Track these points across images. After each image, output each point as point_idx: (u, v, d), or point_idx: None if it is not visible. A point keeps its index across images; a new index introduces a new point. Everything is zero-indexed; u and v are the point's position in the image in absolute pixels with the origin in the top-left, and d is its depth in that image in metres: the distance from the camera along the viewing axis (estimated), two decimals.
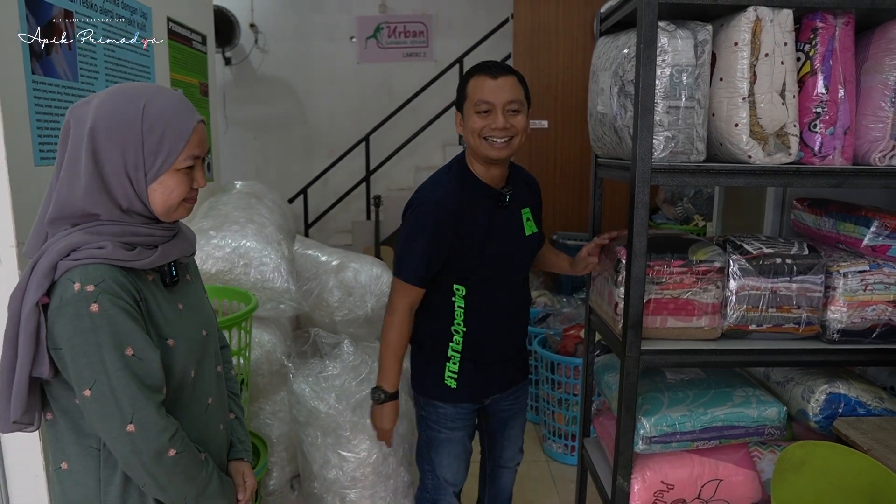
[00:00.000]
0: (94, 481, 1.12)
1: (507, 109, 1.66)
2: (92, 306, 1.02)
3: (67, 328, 1.02)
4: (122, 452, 1.06)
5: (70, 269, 1.03)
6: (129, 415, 1.04)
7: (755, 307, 1.69)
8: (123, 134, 1.06)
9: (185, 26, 2.40)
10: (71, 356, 1.03)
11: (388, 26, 6.40)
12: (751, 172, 1.60)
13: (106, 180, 1.07)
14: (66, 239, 1.06)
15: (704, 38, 1.56)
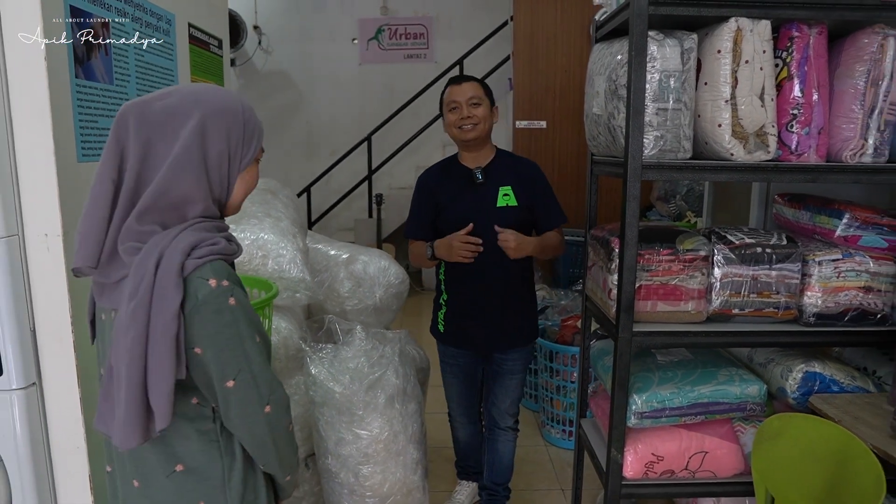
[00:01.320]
0: (219, 471, 1.14)
1: (470, 103, 2.18)
2: (230, 300, 1.05)
3: (209, 325, 1.03)
4: (257, 434, 1.11)
5: (198, 268, 1.03)
6: (266, 397, 1.10)
7: (738, 293, 1.84)
8: (230, 121, 1.10)
9: (204, 31, 2.54)
10: (215, 352, 1.04)
11: (389, 28, 6.55)
12: (733, 168, 1.75)
13: (208, 163, 1.08)
14: (181, 239, 1.04)
15: (690, 46, 1.70)
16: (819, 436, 1.59)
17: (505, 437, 2.44)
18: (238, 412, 1.09)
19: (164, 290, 1.01)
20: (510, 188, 2.22)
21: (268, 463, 1.17)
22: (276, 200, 2.54)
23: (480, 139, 2.22)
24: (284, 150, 6.73)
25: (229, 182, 1.14)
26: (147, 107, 1.08)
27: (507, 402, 2.38)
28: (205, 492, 1.14)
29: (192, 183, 1.08)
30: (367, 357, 2.15)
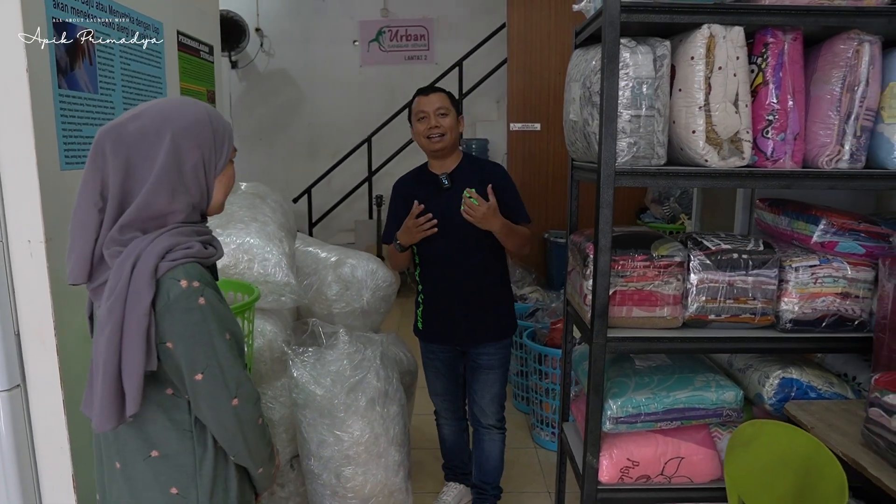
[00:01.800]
0: (191, 459, 1.22)
1: (437, 113, 2.26)
2: (200, 300, 1.14)
3: (179, 322, 1.12)
4: (226, 425, 1.19)
5: (171, 269, 1.12)
6: (233, 391, 1.18)
7: (714, 299, 1.84)
8: (200, 133, 1.19)
9: (193, 38, 2.57)
10: (185, 347, 1.13)
11: (389, 30, 6.58)
12: (707, 175, 1.76)
13: (185, 179, 1.18)
14: (157, 243, 1.13)
15: (663, 52, 1.71)
16: (790, 443, 1.60)
17: (490, 437, 2.47)
18: (207, 404, 1.17)
19: (138, 289, 1.10)
20: (474, 190, 2.23)
21: (238, 454, 1.24)
22: (264, 205, 2.58)
23: (448, 148, 2.30)
24: (286, 151, 6.79)
25: (208, 188, 1.24)
26: (122, 129, 1.16)
27: (486, 398, 2.41)
28: (177, 478, 1.22)
29: (172, 197, 1.18)
30: (349, 360, 2.17)
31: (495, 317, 2.38)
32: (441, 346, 2.45)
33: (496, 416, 2.45)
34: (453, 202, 2.25)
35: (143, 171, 1.16)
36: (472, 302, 2.33)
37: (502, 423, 2.48)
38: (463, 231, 2.24)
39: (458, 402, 2.56)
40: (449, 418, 2.57)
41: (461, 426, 2.60)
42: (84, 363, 1.80)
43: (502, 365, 2.42)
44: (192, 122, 1.19)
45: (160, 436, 1.22)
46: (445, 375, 2.49)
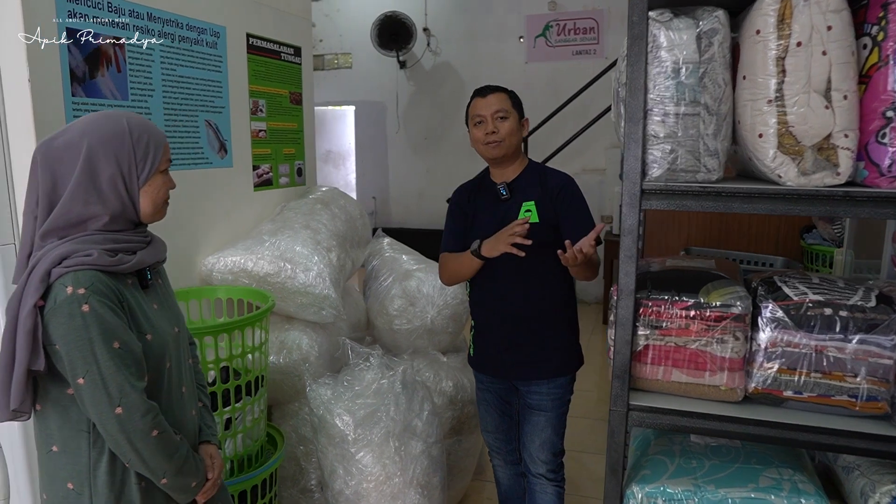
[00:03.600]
0: (86, 459, 1.25)
1: (496, 117, 1.98)
2: (83, 307, 1.16)
3: (62, 326, 1.16)
4: (111, 432, 1.20)
5: (62, 275, 1.17)
6: (116, 399, 1.18)
7: (792, 369, 1.32)
8: (116, 146, 1.23)
9: (271, 40, 2.55)
10: (66, 350, 1.17)
11: (557, 24, 6.20)
12: (778, 196, 1.25)
13: (100, 189, 1.22)
14: (56, 249, 1.20)
15: (712, 27, 1.25)
16: None
17: (541, 488, 2.09)
18: (91, 410, 1.19)
19: (28, 291, 1.17)
20: (534, 204, 1.97)
21: (130, 461, 1.24)
22: (325, 211, 2.48)
23: (508, 156, 2.01)
24: (450, 150, 6.75)
25: (131, 199, 1.26)
26: (51, 144, 1.23)
27: (535, 443, 2.05)
28: (72, 474, 1.26)
29: (86, 205, 1.22)
30: (368, 387, 1.97)
31: (551, 350, 2.00)
32: (492, 377, 2.11)
33: (546, 466, 2.06)
34: (510, 215, 1.97)
35: (64, 182, 1.22)
36: (524, 330, 1.99)
37: (555, 474, 2.08)
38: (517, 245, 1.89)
39: (512, 443, 2.19)
40: (501, 460, 2.22)
41: (516, 471, 2.25)
42: None
43: (556, 407, 2.02)
44: (109, 135, 1.23)
45: (60, 432, 1.26)
46: (497, 410, 2.13)
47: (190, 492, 1.34)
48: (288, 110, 2.71)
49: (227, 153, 2.34)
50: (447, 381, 2.47)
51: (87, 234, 1.23)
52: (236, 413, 1.87)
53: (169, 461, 1.26)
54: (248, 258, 2.20)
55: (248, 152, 2.47)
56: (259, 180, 2.54)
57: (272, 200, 2.61)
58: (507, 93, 2.04)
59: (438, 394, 2.43)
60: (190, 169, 2.16)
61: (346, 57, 7.03)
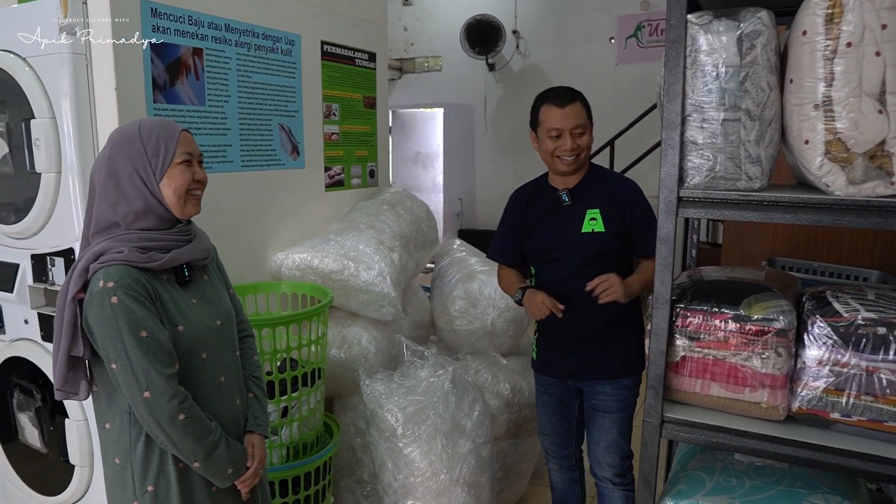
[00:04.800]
0: (128, 437, 1.37)
1: (574, 133, 1.93)
2: (112, 298, 1.27)
3: (95, 316, 1.28)
4: (141, 414, 1.31)
5: (97, 270, 1.30)
6: (143, 384, 1.28)
7: (840, 390, 1.24)
8: (128, 148, 1.36)
9: (345, 47, 2.66)
10: (100, 338, 1.29)
11: (649, 24, 6.02)
12: (824, 207, 1.18)
13: (123, 188, 1.34)
14: (96, 246, 1.33)
15: (754, 28, 1.20)
16: None
17: (608, 492, 2.07)
18: (125, 393, 1.31)
19: (70, 284, 1.31)
20: (598, 212, 1.95)
21: (162, 443, 1.34)
22: (391, 212, 2.55)
23: (580, 167, 1.99)
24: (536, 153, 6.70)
25: (153, 193, 1.36)
26: (95, 163, 1.40)
27: (600, 445, 2.04)
28: (119, 450, 1.38)
29: (113, 209, 1.35)
30: (419, 384, 2.02)
31: (615, 351, 1.99)
32: (553, 379, 2.11)
33: (613, 469, 2.03)
34: (572, 221, 1.97)
35: (95, 189, 1.38)
36: (589, 332, 1.99)
37: (622, 478, 2.05)
38: (583, 254, 1.94)
39: (568, 448, 2.18)
40: (556, 464, 2.21)
41: (571, 476, 2.23)
42: None
43: (622, 409, 2.00)
44: (121, 139, 1.36)
45: (108, 412, 1.39)
46: (555, 413, 2.14)
47: (227, 478, 1.41)
48: (361, 114, 2.81)
49: (299, 155, 2.47)
50: (505, 384, 2.48)
51: (123, 233, 1.34)
52: (292, 402, 1.97)
53: (199, 445, 1.33)
54: (314, 255, 2.31)
55: (321, 154, 2.59)
56: (331, 181, 2.65)
57: (343, 201, 2.71)
58: (582, 102, 1.98)
59: (495, 396, 2.45)
60: (263, 170, 2.30)
61: (436, 60, 7.15)
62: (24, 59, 1.85)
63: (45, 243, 1.94)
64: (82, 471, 2.00)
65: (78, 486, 2.02)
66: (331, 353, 2.28)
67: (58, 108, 1.82)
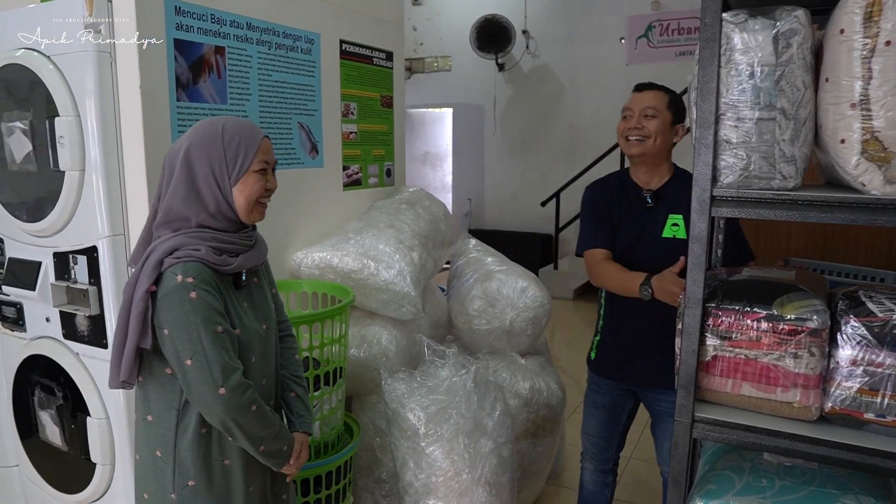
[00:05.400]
0: (172, 433, 1.40)
1: (644, 114, 1.91)
2: (191, 294, 1.29)
3: (172, 311, 1.29)
4: (216, 412, 1.31)
5: (173, 265, 1.31)
6: (220, 380, 1.30)
7: (875, 390, 1.23)
8: (209, 148, 1.36)
9: (364, 46, 2.66)
10: (175, 334, 1.30)
11: (660, 24, 6.01)
12: (860, 206, 1.18)
13: (197, 186, 1.36)
14: (169, 241, 1.34)
15: (791, 27, 1.19)
16: None
17: None
18: (195, 390, 1.31)
19: (142, 277, 1.31)
20: (682, 218, 1.93)
21: (234, 436, 1.36)
22: (409, 211, 2.55)
23: (648, 156, 1.94)
24: (546, 153, 6.71)
25: (225, 197, 1.38)
26: (170, 149, 1.42)
27: (665, 447, 2.08)
28: (161, 443, 1.40)
29: (185, 202, 1.36)
30: (441, 384, 2.02)
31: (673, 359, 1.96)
32: (611, 382, 2.12)
33: None
34: (653, 223, 1.97)
35: (169, 181, 1.38)
36: (659, 339, 1.93)
37: None
38: (661, 257, 1.89)
39: (609, 451, 2.21)
40: (593, 465, 2.24)
41: (604, 480, 2.25)
42: None
43: None
44: (202, 137, 1.37)
45: (155, 405, 1.41)
46: (605, 415, 2.16)
47: (282, 456, 1.46)
48: (378, 113, 2.81)
49: (318, 154, 2.47)
50: (523, 383, 2.47)
51: (197, 230, 1.35)
52: (314, 401, 1.97)
53: (267, 430, 1.39)
54: (333, 254, 2.31)
55: (339, 153, 2.59)
56: (349, 180, 2.65)
57: (361, 200, 2.72)
58: (667, 93, 1.95)
59: (514, 395, 2.44)
60: (283, 168, 2.30)
61: (445, 60, 7.16)
62: (49, 58, 1.85)
63: (67, 241, 1.95)
64: (104, 469, 2.00)
65: (99, 484, 2.02)
66: (350, 353, 2.28)
67: (82, 106, 1.82)
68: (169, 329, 1.30)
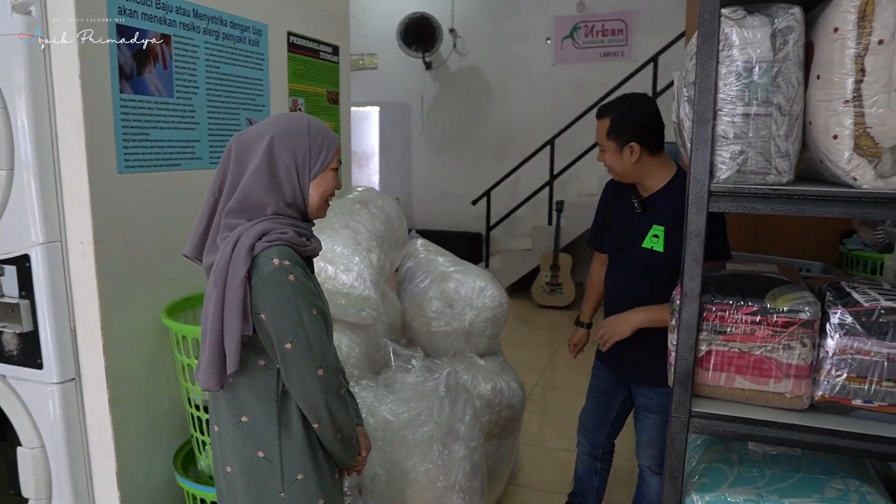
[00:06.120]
0: (276, 427, 1.35)
1: (600, 149, 1.98)
2: (290, 276, 1.28)
3: (271, 295, 1.26)
4: (311, 394, 1.30)
5: (266, 249, 1.28)
6: (319, 361, 1.29)
7: (862, 377, 1.27)
8: (294, 140, 1.35)
9: (310, 39, 2.54)
10: (275, 318, 1.27)
11: (585, 25, 6.16)
12: (853, 200, 1.21)
13: (278, 177, 1.34)
14: (255, 227, 1.30)
15: (787, 24, 1.21)
16: None
17: (647, 477, 2.19)
18: (296, 372, 1.29)
19: (236, 263, 1.26)
20: (663, 230, 1.93)
21: (321, 421, 1.33)
22: (363, 211, 2.46)
23: (630, 179, 1.98)
24: (474, 152, 6.73)
25: (301, 189, 1.37)
26: (242, 137, 1.38)
27: (642, 439, 2.15)
28: (263, 443, 1.35)
29: (266, 191, 1.33)
30: (411, 390, 1.95)
31: (658, 360, 1.90)
32: (607, 368, 2.21)
33: (650, 461, 2.14)
34: (638, 230, 1.98)
35: (247, 168, 1.34)
36: (636, 338, 1.97)
37: (660, 468, 2.12)
38: (640, 265, 1.98)
39: (598, 437, 2.28)
40: (583, 449, 2.34)
41: (592, 466, 2.32)
42: (133, 361, 1.82)
43: (661, 412, 2.06)
44: (289, 130, 1.36)
45: (249, 402, 1.35)
46: (598, 399, 2.26)
47: (353, 447, 1.45)
48: (325, 109, 2.70)
49: None
50: (485, 385, 2.44)
51: (274, 216, 1.33)
52: None
53: (348, 416, 1.39)
54: None
55: None
56: None
57: None
58: (611, 117, 1.92)
59: (477, 397, 2.40)
60: None
61: (371, 58, 7.04)
62: None
63: None
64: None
65: None
66: None
67: (10, 97, 1.62)
68: (267, 314, 1.27)
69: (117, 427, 1.76)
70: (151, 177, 1.85)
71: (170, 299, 1.92)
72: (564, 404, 3.59)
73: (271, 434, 1.34)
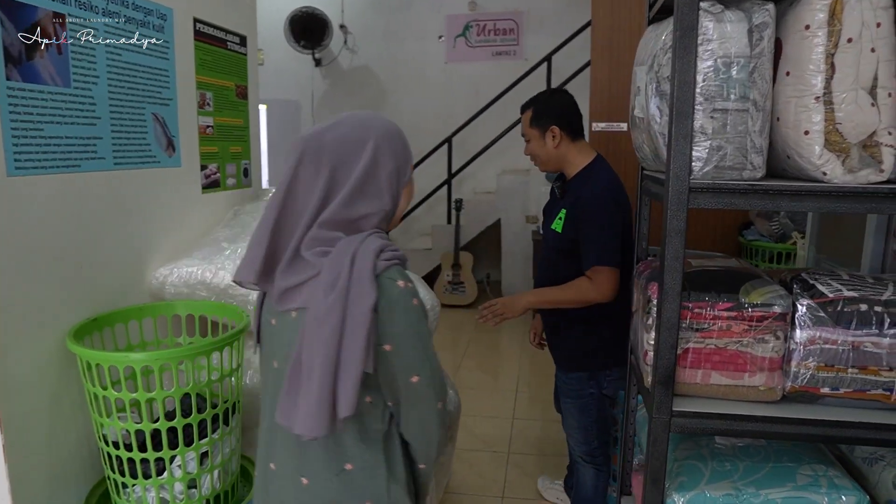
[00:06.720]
0: (384, 472, 1.17)
1: (525, 140, 2.11)
2: (414, 300, 1.12)
3: (399, 323, 1.09)
4: (432, 430, 1.17)
5: (387, 269, 1.10)
6: (440, 393, 1.17)
7: (829, 365, 1.32)
8: (395, 145, 1.20)
9: (217, 27, 2.31)
10: (403, 348, 1.10)
11: (477, 24, 6.20)
12: (824, 194, 1.24)
13: (380, 185, 1.17)
14: (369, 243, 1.10)
15: (763, 20, 1.22)
16: None
17: (577, 467, 2.23)
18: (420, 408, 1.15)
19: (361, 287, 1.06)
20: (565, 212, 2.05)
21: (428, 458, 1.21)
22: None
23: (552, 168, 2.12)
24: None
25: (396, 198, 1.22)
26: (321, 139, 1.16)
27: (565, 424, 2.24)
28: (371, 490, 1.17)
29: (370, 201, 1.16)
30: None
31: (567, 346, 2.15)
32: None
33: (579, 449, 2.19)
34: (555, 212, 2.10)
35: (343, 175, 1.15)
36: (549, 324, 2.20)
37: (590, 457, 2.18)
38: (547, 247, 2.15)
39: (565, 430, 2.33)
40: None
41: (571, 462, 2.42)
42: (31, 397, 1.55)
43: (577, 397, 2.13)
44: (389, 133, 1.21)
45: (355, 447, 1.17)
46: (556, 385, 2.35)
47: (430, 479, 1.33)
48: (234, 105, 2.47)
49: (175, 151, 2.09)
50: None
51: (376, 231, 1.16)
52: (213, 445, 1.65)
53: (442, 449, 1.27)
54: (206, 269, 1.97)
55: (196, 150, 2.22)
56: (207, 181, 2.29)
57: (221, 203, 2.37)
58: (532, 108, 2.09)
59: None
60: (137, 168, 1.90)
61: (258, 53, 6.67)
62: None
63: None
64: None
65: None
66: None
67: None
68: (394, 344, 1.10)
69: (15, 478, 1.49)
70: (47, 179, 1.58)
71: (74, 321, 1.66)
72: (473, 405, 3.55)
73: (379, 481, 1.17)
